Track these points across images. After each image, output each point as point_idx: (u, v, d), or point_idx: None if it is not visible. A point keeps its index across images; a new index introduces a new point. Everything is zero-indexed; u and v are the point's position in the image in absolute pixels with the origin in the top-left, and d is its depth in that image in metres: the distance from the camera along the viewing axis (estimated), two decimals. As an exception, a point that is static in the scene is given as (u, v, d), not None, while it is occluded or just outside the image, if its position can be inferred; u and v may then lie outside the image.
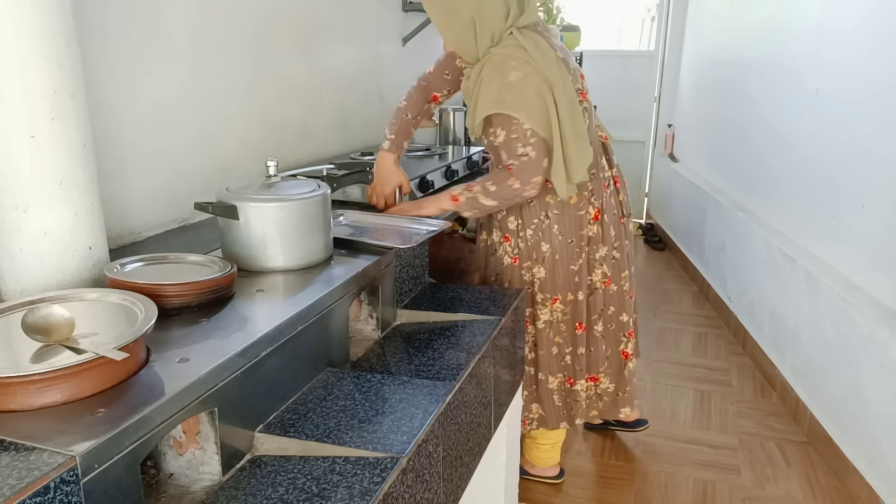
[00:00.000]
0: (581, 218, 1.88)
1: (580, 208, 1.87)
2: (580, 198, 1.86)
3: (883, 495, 2.00)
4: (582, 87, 1.81)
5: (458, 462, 1.27)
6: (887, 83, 2.18)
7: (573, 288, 1.93)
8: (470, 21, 1.65)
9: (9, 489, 0.67)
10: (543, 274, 1.92)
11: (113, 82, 1.48)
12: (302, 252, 1.33)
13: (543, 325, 1.95)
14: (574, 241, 1.89)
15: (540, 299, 1.94)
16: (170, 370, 0.91)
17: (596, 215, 1.90)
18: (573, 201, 1.86)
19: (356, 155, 2.34)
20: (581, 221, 1.89)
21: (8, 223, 1.06)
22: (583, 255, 1.92)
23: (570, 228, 1.88)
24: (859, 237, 2.33)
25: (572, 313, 1.96)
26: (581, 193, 1.85)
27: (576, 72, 1.80)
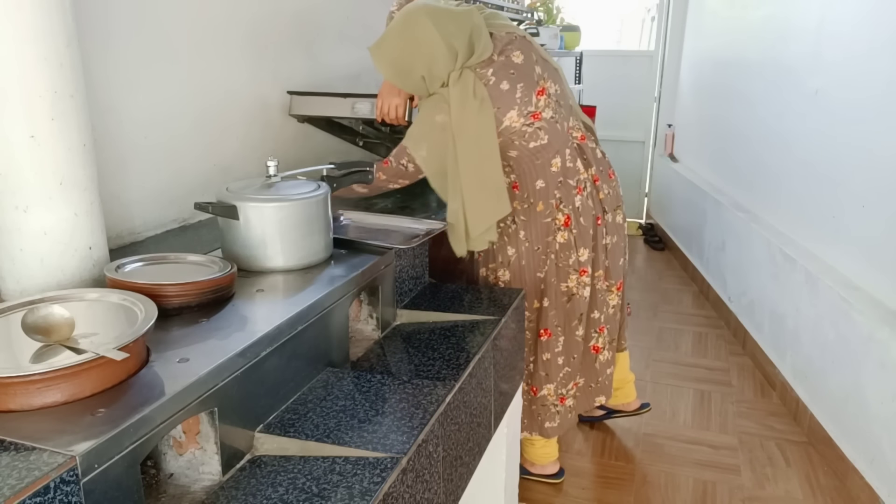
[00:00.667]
0: (548, 225, 1.89)
1: (546, 215, 1.89)
2: (546, 205, 1.88)
3: (883, 495, 2.00)
4: (536, 108, 1.78)
5: (458, 462, 1.27)
6: (887, 83, 2.18)
7: (539, 295, 1.94)
8: (420, 79, 1.71)
9: (9, 489, 0.67)
10: (508, 278, 1.94)
11: (113, 82, 1.48)
12: (302, 252, 1.33)
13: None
14: (540, 249, 1.91)
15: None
16: (170, 370, 0.91)
17: (566, 222, 1.90)
18: (539, 209, 1.88)
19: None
20: (548, 229, 1.90)
21: (8, 223, 1.06)
22: (548, 262, 1.92)
23: (536, 235, 1.90)
24: (859, 237, 2.33)
25: (537, 321, 1.96)
26: (547, 201, 1.87)
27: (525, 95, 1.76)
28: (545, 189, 1.87)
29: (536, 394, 2.02)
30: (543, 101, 1.80)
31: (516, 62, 1.76)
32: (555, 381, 2.00)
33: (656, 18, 5.46)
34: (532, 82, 1.77)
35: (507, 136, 1.78)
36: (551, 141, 1.82)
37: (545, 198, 1.87)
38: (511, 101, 1.74)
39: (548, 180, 1.87)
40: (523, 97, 1.75)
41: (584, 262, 1.93)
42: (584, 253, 1.93)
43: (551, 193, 1.87)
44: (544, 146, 1.82)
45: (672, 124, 5.20)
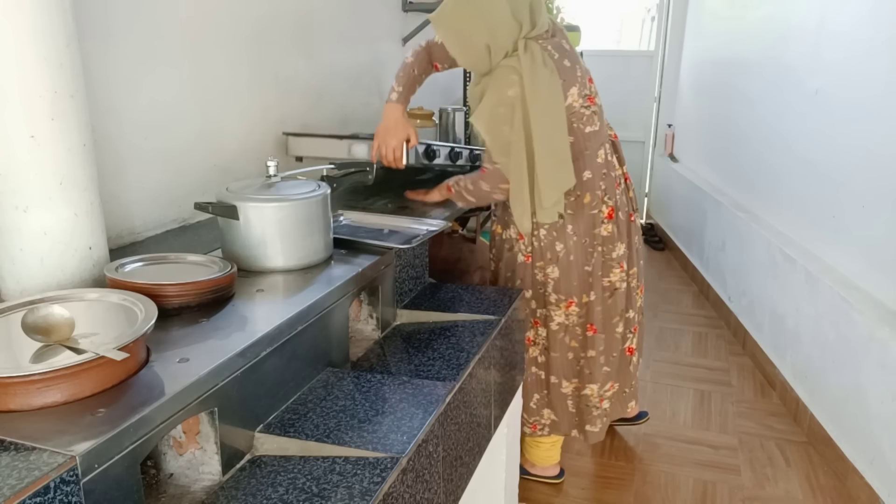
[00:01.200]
0: (594, 217, 1.88)
1: (593, 207, 1.87)
2: (593, 197, 1.86)
3: (883, 495, 2.00)
4: (590, 92, 1.83)
5: (458, 462, 1.27)
6: (887, 83, 2.18)
7: (587, 289, 1.92)
8: (485, 48, 1.70)
9: (9, 489, 0.67)
10: (557, 274, 1.90)
11: (113, 82, 1.48)
12: (302, 252, 1.33)
13: (557, 327, 1.94)
14: (588, 241, 1.89)
15: (553, 300, 1.92)
16: (170, 370, 0.91)
17: (610, 213, 1.89)
18: (585, 200, 1.86)
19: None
20: (594, 220, 1.88)
21: (8, 223, 1.06)
22: (595, 254, 1.90)
23: (584, 228, 1.88)
24: (859, 237, 2.33)
25: (586, 315, 1.94)
26: (594, 192, 1.86)
27: (583, 78, 1.81)
28: (591, 180, 1.86)
29: (582, 390, 2.01)
30: (594, 90, 1.85)
31: (566, 48, 1.80)
32: (598, 382, 1.98)
33: (656, 18, 5.46)
34: (584, 70, 1.83)
35: (568, 115, 1.77)
36: (601, 129, 1.85)
37: (592, 189, 1.86)
38: (573, 77, 1.77)
39: (594, 171, 1.86)
40: (582, 78, 1.80)
41: (622, 256, 1.94)
42: (621, 247, 1.93)
43: (597, 185, 1.87)
44: (595, 133, 1.84)
45: (672, 124, 5.20)
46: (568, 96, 1.75)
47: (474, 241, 2.64)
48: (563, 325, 1.94)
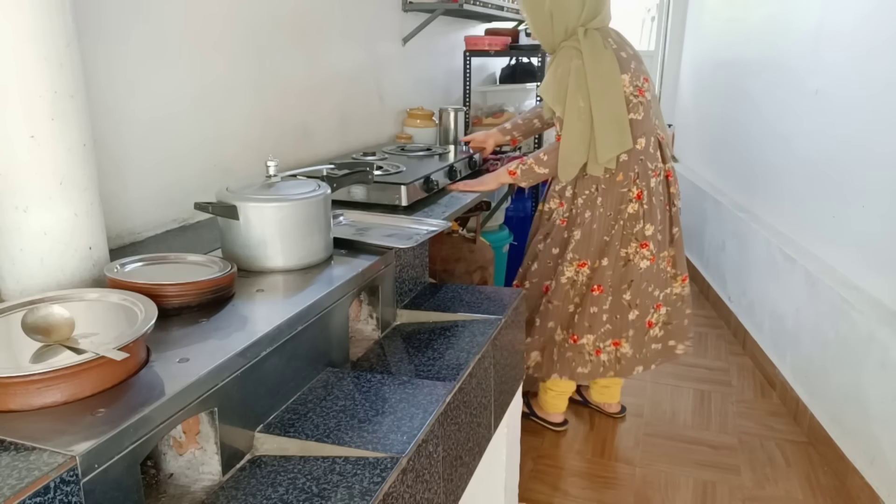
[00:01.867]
0: (623, 195, 2.14)
1: (623, 186, 2.13)
2: (625, 177, 2.12)
3: (883, 495, 2.00)
4: (641, 86, 2.10)
5: (458, 462, 1.27)
6: (887, 83, 2.18)
7: (601, 255, 2.18)
8: (549, 14, 2.05)
9: (9, 489, 0.67)
10: (579, 236, 2.19)
11: (113, 82, 1.48)
12: (302, 252, 1.33)
13: (566, 280, 2.23)
14: (612, 215, 2.15)
15: (569, 258, 2.21)
16: (170, 370, 0.91)
17: (638, 195, 2.13)
18: (619, 178, 2.12)
19: (356, 155, 2.34)
20: (622, 198, 2.14)
21: (8, 223, 1.06)
22: (616, 227, 2.15)
23: (611, 202, 2.14)
24: (859, 237, 2.33)
25: (594, 277, 2.20)
26: (627, 174, 2.12)
27: (636, 70, 2.10)
28: (627, 162, 2.11)
29: (576, 341, 2.26)
30: (647, 86, 2.13)
31: (627, 43, 2.15)
32: (595, 333, 2.24)
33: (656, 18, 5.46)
34: (642, 68, 2.13)
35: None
36: (644, 120, 2.11)
37: (625, 170, 2.11)
38: (627, 66, 2.06)
39: (631, 156, 2.11)
40: (636, 70, 2.09)
41: (649, 236, 2.17)
42: (650, 228, 2.16)
43: (631, 167, 2.11)
44: (638, 122, 2.09)
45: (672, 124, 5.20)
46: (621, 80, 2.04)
47: (474, 241, 2.64)
48: (572, 280, 2.23)
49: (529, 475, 2.27)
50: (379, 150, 2.43)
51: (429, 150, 2.49)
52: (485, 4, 3.06)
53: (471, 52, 3.31)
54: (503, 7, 3.32)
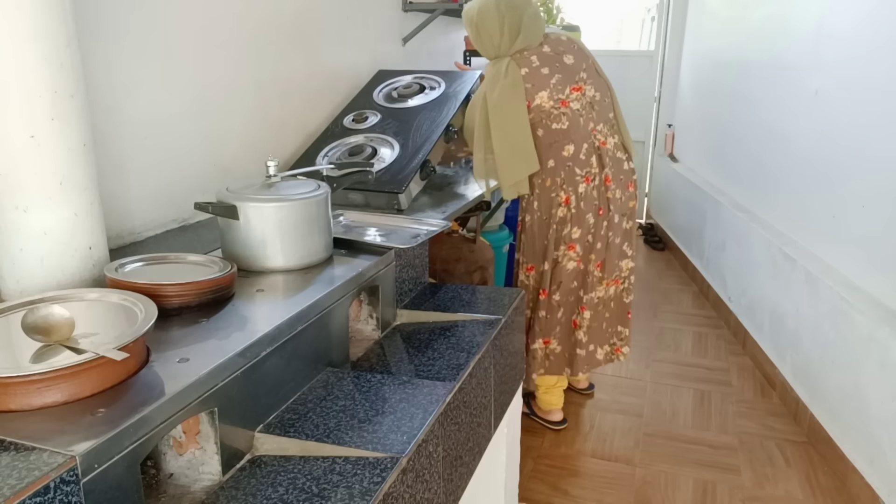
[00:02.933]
0: (552, 199, 2.26)
1: (552, 191, 2.26)
2: (553, 182, 2.24)
3: (883, 495, 2.00)
4: (566, 97, 2.19)
5: (458, 462, 1.27)
6: (887, 84, 2.18)
7: (541, 259, 2.32)
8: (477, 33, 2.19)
9: (9, 489, 0.67)
10: (524, 240, 2.35)
11: (113, 82, 1.48)
12: (302, 252, 1.33)
13: (519, 285, 2.38)
14: (546, 219, 2.28)
15: (521, 261, 2.37)
16: (170, 370, 0.91)
17: (566, 200, 2.24)
18: (547, 184, 2.25)
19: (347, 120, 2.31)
20: (552, 202, 2.26)
21: (8, 223, 1.06)
22: (550, 230, 2.27)
23: (544, 206, 2.27)
24: (859, 237, 2.33)
25: (540, 280, 2.33)
26: (554, 179, 2.24)
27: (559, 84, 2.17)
28: (554, 168, 2.23)
29: (530, 346, 2.38)
30: (576, 96, 2.21)
31: (566, 62, 2.20)
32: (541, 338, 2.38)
33: (656, 18, 5.46)
34: (571, 79, 2.20)
35: (538, 114, 2.18)
36: (570, 129, 2.20)
37: (552, 175, 2.23)
38: (545, 83, 2.16)
39: (557, 162, 2.22)
40: (557, 85, 2.17)
41: (576, 239, 2.26)
42: (577, 231, 2.25)
43: (558, 173, 2.23)
44: (563, 131, 2.20)
45: (672, 124, 5.20)
46: (536, 98, 2.16)
47: (474, 241, 2.64)
48: (524, 284, 2.37)
49: (529, 475, 2.27)
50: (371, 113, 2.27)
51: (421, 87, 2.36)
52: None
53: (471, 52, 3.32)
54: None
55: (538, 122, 2.20)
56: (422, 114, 2.21)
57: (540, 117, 2.19)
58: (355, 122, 2.23)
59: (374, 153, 2.04)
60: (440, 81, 2.39)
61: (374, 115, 2.25)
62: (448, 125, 2.14)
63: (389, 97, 2.36)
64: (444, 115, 2.17)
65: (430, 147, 2.03)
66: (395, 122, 2.19)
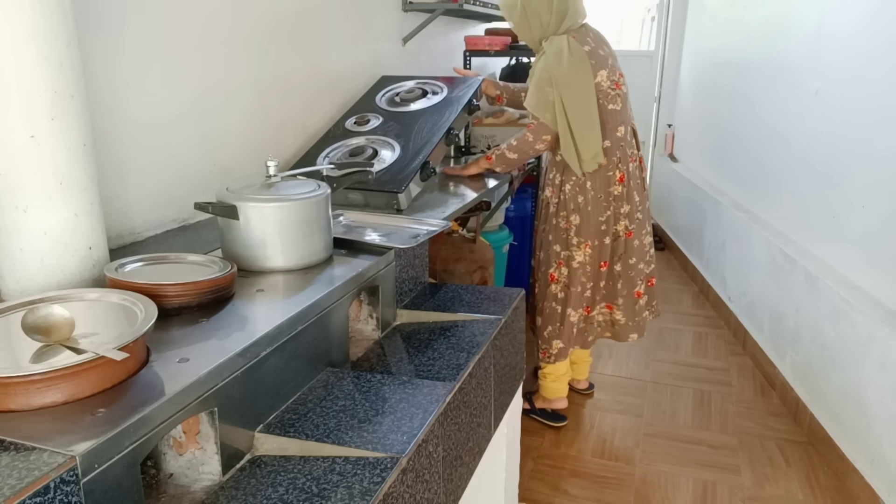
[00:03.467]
0: (609, 178, 2.33)
1: (608, 170, 2.32)
2: (609, 162, 2.31)
3: (883, 495, 2.00)
4: (618, 80, 2.29)
5: (458, 462, 1.27)
6: (887, 83, 2.18)
7: (601, 235, 2.37)
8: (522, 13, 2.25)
9: (9, 489, 0.67)
10: (579, 221, 2.36)
11: (113, 82, 1.48)
12: (302, 252, 1.33)
13: (577, 265, 2.39)
14: (602, 197, 2.34)
15: (575, 242, 2.38)
16: (170, 370, 0.91)
17: (621, 178, 2.34)
18: (604, 164, 2.30)
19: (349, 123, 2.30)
20: (609, 181, 2.33)
21: (8, 223, 1.06)
22: (610, 208, 2.35)
23: (600, 185, 2.33)
24: (859, 237, 2.33)
25: (598, 255, 2.40)
26: (610, 158, 2.31)
27: (613, 66, 2.29)
28: (610, 149, 2.30)
29: (590, 313, 2.46)
30: (623, 80, 2.32)
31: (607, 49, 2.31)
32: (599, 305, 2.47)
33: (656, 18, 5.46)
34: (617, 64, 2.33)
35: (597, 92, 2.23)
36: (622, 110, 2.31)
37: (609, 155, 2.30)
38: (604, 63, 2.25)
39: (613, 142, 2.30)
40: (613, 66, 2.28)
41: (626, 214, 2.38)
42: (626, 207, 2.37)
43: (613, 153, 2.31)
44: (617, 112, 2.29)
45: (672, 124, 5.20)
46: (597, 76, 2.22)
47: (474, 241, 2.64)
48: (582, 263, 2.39)
49: (529, 475, 2.27)
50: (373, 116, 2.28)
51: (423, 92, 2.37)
52: (485, 4, 3.06)
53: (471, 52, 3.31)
54: (503, 7, 3.32)
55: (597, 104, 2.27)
56: (423, 117, 2.21)
57: (598, 96, 2.24)
58: (357, 124, 2.23)
59: (375, 154, 2.04)
60: (442, 87, 2.40)
61: (376, 118, 2.25)
62: (449, 128, 2.14)
63: (392, 101, 2.36)
64: (445, 119, 2.17)
65: (430, 149, 2.02)
66: (396, 124, 2.19)
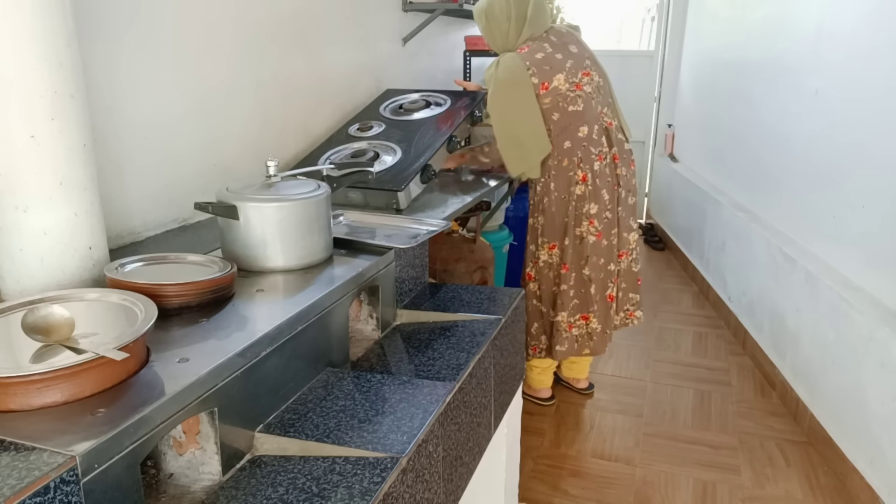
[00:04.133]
0: (570, 178, 2.37)
1: (570, 170, 2.36)
2: (570, 162, 2.35)
3: (883, 495, 2.00)
4: (579, 81, 2.32)
5: (458, 462, 1.27)
6: (887, 83, 2.18)
7: (562, 237, 2.41)
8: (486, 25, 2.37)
9: (9, 489, 0.67)
10: (544, 222, 2.44)
11: (113, 82, 1.48)
12: (302, 252, 1.33)
13: (543, 264, 2.46)
14: (566, 197, 2.38)
15: (541, 242, 2.45)
16: (170, 370, 0.91)
17: (583, 178, 2.36)
18: (564, 164, 2.36)
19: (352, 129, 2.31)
20: (570, 181, 2.37)
21: (8, 223, 1.06)
22: (570, 208, 2.38)
23: (562, 186, 2.37)
24: (859, 237, 2.33)
25: (561, 256, 2.43)
26: (571, 159, 2.35)
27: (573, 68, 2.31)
28: (571, 149, 2.34)
29: (553, 318, 2.48)
30: (587, 80, 2.34)
31: (572, 50, 2.35)
32: (567, 310, 2.44)
33: (656, 18, 5.46)
34: (581, 65, 2.34)
35: (555, 96, 2.28)
36: (585, 110, 2.33)
37: (569, 156, 2.35)
38: (561, 67, 2.29)
39: (573, 142, 2.33)
40: (571, 69, 2.31)
41: (594, 214, 2.37)
42: (594, 207, 2.37)
43: (574, 153, 2.34)
44: (579, 112, 2.32)
45: (672, 124, 5.20)
46: (554, 80, 2.27)
47: (474, 241, 2.64)
48: (547, 262, 2.46)
49: (529, 475, 2.27)
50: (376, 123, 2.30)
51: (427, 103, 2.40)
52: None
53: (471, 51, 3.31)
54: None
55: (555, 106, 2.30)
56: (426, 126, 2.25)
57: (557, 100, 2.28)
58: (360, 130, 2.27)
59: (376, 157, 2.05)
60: (446, 98, 2.45)
61: (379, 125, 2.29)
62: (451, 135, 2.18)
63: (395, 111, 2.41)
64: (447, 127, 2.20)
65: (431, 153, 2.04)
66: (398, 131, 2.22)
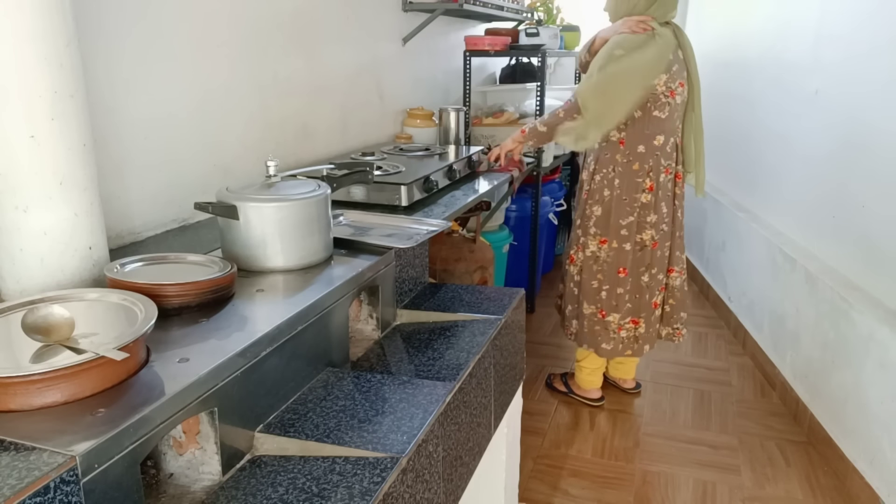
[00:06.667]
0: (637, 184, 2.33)
1: (638, 175, 2.32)
2: (640, 167, 2.31)
3: (883, 495, 2.00)
4: (675, 89, 2.27)
5: (458, 462, 1.27)
6: (887, 83, 2.18)
7: (620, 239, 2.37)
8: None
9: (9, 489, 0.67)
10: (599, 213, 2.39)
11: (113, 82, 1.48)
12: (302, 252, 1.33)
13: (589, 254, 2.43)
14: (628, 200, 2.34)
15: (592, 233, 2.41)
16: (170, 370, 0.91)
17: (650, 187, 2.33)
18: (634, 167, 2.31)
19: (356, 155, 2.34)
20: (637, 187, 2.33)
21: (8, 223, 1.06)
22: (634, 214, 2.34)
23: (628, 188, 2.33)
24: (859, 237, 2.33)
25: (616, 258, 2.39)
26: (642, 165, 2.31)
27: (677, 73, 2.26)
28: (644, 154, 2.30)
29: (605, 317, 2.46)
30: (680, 90, 2.30)
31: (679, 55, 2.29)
32: (620, 312, 2.44)
33: (656, 18, 5.45)
34: (681, 73, 2.30)
35: (648, 93, 2.23)
36: (668, 119, 2.29)
37: (641, 161, 2.31)
38: (668, 67, 2.23)
39: (648, 149, 2.30)
40: (674, 73, 2.26)
41: (653, 224, 2.36)
42: (653, 217, 2.36)
43: (646, 160, 2.31)
44: (661, 120, 2.28)
45: (672, 124, 5.19)
46: (658, 77, 2.21)
47: (474, 241, 2.64)
48: (594, 255, 2.42)
49: (529, 475, 2.27)
50: (378, 150, 2.43)
51: (427, 149, 2.49)
52: (485, 4, 3.06)
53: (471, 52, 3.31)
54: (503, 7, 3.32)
55: (642, 105, 2.25)
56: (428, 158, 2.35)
57: (647, 98, 2.24)
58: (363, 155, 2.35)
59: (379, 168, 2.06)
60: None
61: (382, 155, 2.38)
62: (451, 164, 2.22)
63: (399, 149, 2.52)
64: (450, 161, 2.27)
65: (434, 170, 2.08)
66: (403, 158, 2.32)
